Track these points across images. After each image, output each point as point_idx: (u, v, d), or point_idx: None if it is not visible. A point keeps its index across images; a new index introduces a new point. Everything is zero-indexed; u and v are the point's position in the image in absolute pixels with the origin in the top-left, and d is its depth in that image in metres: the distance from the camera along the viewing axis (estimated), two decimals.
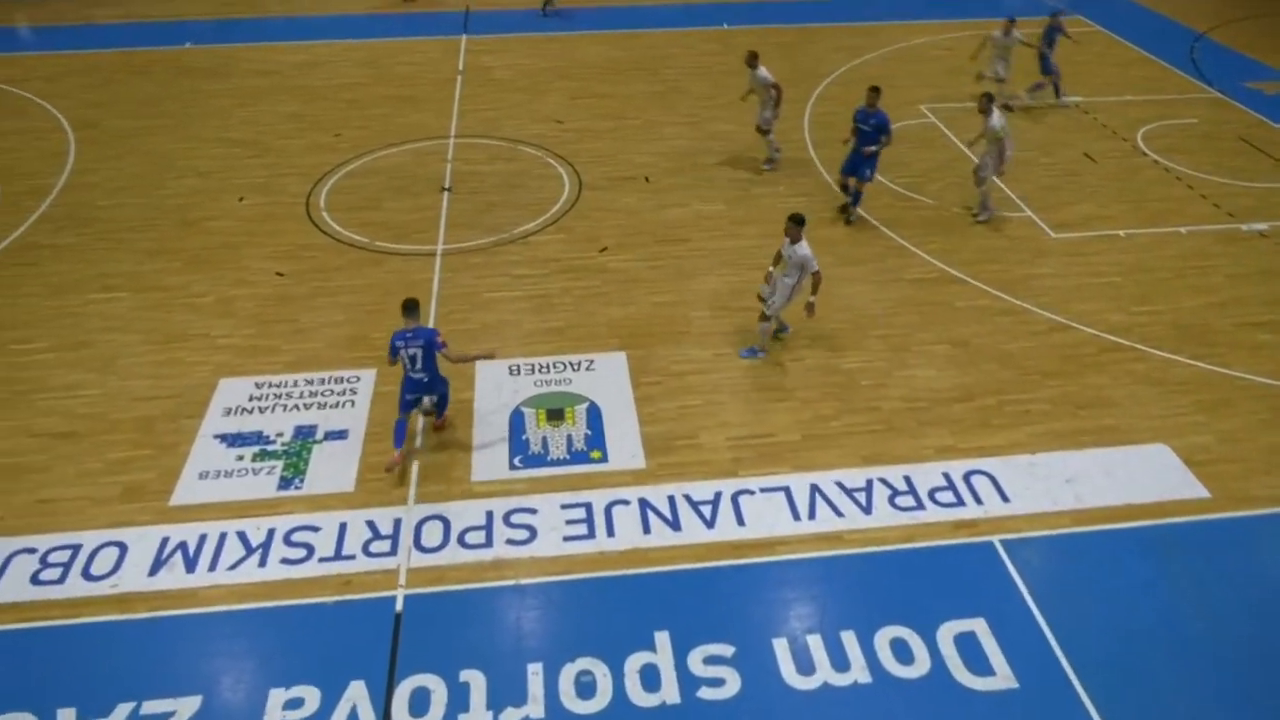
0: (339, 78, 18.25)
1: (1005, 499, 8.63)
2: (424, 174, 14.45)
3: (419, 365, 8.67)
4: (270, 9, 22.97)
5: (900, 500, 8.60)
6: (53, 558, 7.88)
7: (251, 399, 9.74)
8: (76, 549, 7.96)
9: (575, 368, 10.28)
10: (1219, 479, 8.85)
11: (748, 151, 15.21)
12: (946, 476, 8.88)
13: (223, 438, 9.23)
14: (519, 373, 10.19)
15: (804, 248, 9.98)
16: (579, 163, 14.80)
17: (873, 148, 12.85)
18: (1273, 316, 11.27)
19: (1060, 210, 13.56)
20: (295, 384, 9.96)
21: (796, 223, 9.93)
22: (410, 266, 12.13)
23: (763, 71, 14.16)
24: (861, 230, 13.02)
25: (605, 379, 10.13)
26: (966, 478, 8.86)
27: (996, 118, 12.82)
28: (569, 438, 9.29)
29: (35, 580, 7.67)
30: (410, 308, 8.76)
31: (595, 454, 9.10)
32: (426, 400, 9.04)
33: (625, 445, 9.20)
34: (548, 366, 10.28)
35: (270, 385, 9.94)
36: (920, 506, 8.54)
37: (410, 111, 16.65)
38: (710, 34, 20.79)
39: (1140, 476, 8.90)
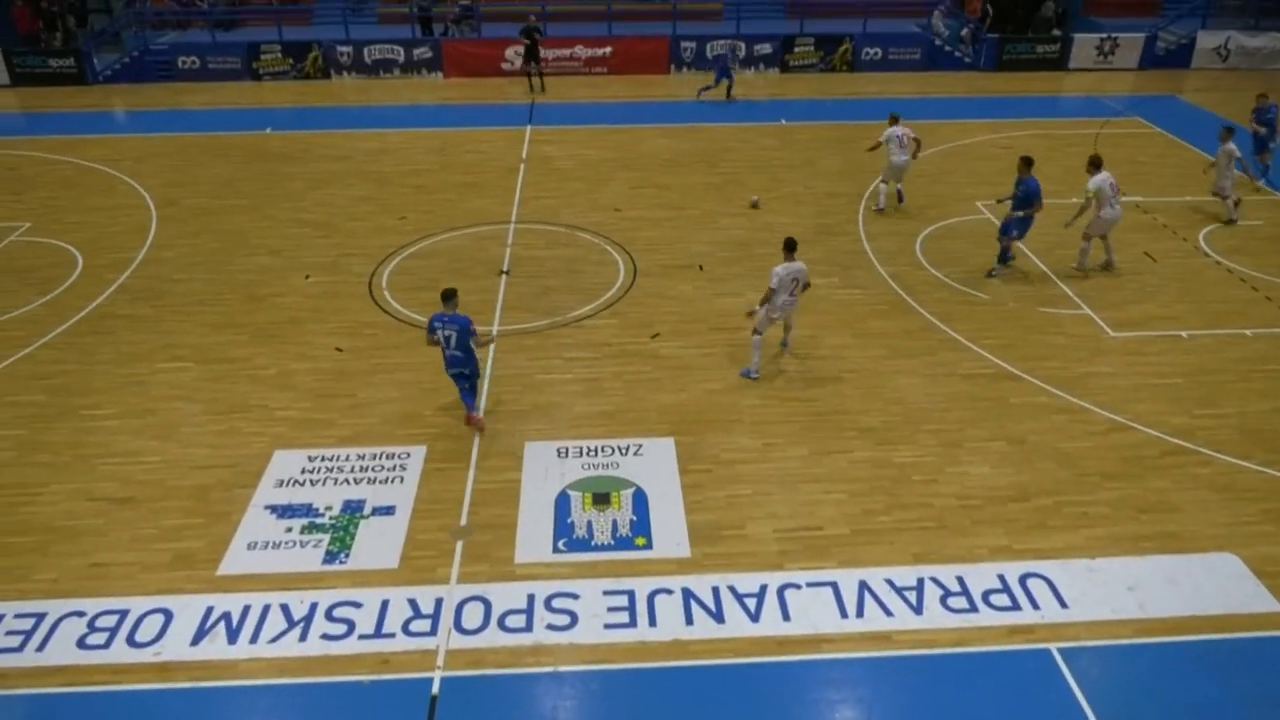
0: (408, 164, 19.03)
1: (1063, 605, 8.29)
2: (484, 257, 14.86)
3: (454, 344, 10.26)
4: (348, 99, 24.21)
5: (953, 601, 8.32)
6: (100, 622, 7.99)
7: (304, 471, 9.90)
8: (124, 614, 8.07)
9: (624, 452, 10.28)
10: None
11: (803, 243, 15.28)
12: (1001, 578, 8.58)
13: (273, 509, 9.37)
14: (567, 455, 10.22)
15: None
16: (635, 250, 15.09)
17: (1019, 212, 13.82)
18: None
19: (1120, 309, 13.36)
20: (347, 458, 10.11)
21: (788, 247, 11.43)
22: None
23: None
24: (915, 324, 12.96)
25: (653, 465, 10.10)
26: (1022, 580, 8.56)
27: (1095, 179, 13.68)
28: (614, 523, 9.23)
29: (81, 644, 7.78)
30: (449, 296, 10.32)
31: (640, 540, 9.01)
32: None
33: (671, 533, 9.11)
34: (596, 450, 10.30)
35: (323, 459, 10.11)
36: (974, 609, 8.25)
37: (474, 197, 17.22)
38: (769, 129, 21.30)
39: (1207, 587, 8.50)
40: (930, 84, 24.96)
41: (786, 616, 8.12)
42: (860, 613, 8.17)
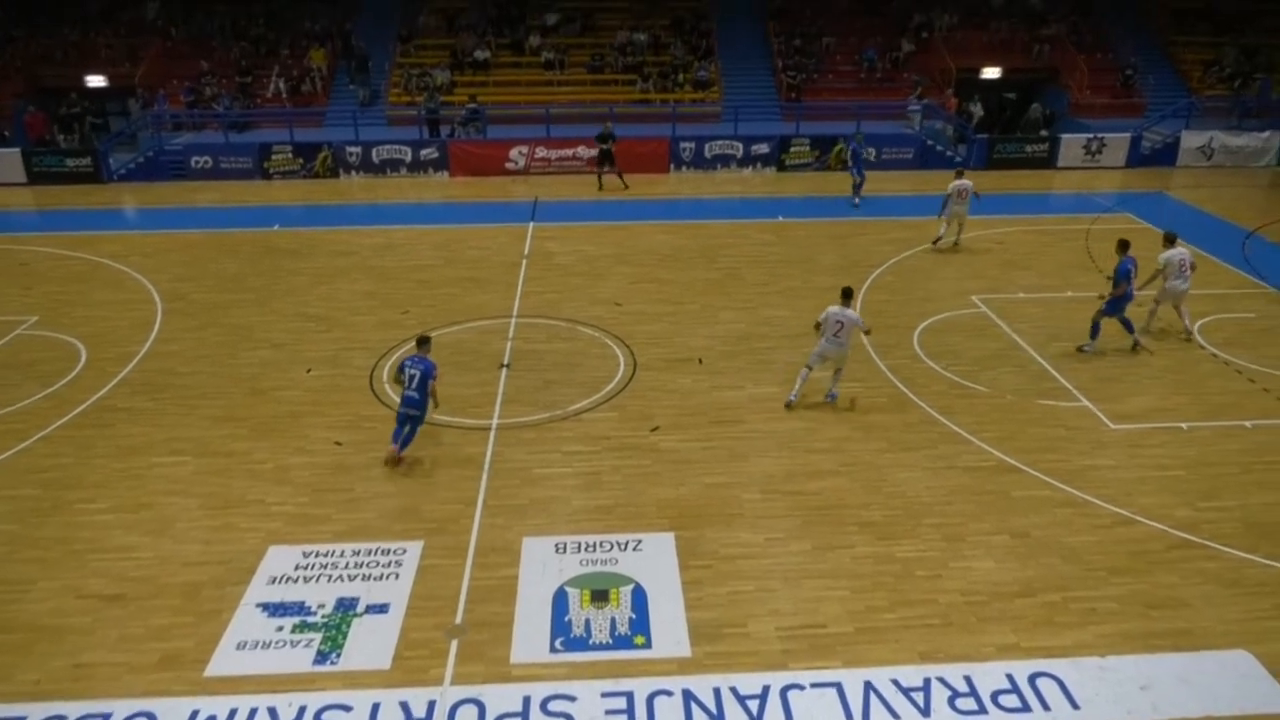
0: (412, 259, 19.38)
1: (1075, 705, 8.04)
2: (484, 351, 14.98)
3: (414, 385, 11.40)
4: (355, 197, 24.82)
5: (961, 703, 8.08)
6: None
7: (298, 568, 9.76)
8: (106, 718, 7.83)
9: (623, 548, 10.15)
10: None
11: (802, 336, 15.50)
12: (1010, 678, 8.35)
13: (265, 607, 9.20)
14: (565, 550, 10.08)
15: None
16: (635, 344, 15.22)
17: (1116, 290, 14.62)
18: None
19: (1119, 401, 13.38)
20: (342, 554, 9.98)
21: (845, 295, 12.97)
22: (465, 440, 12.36)
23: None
24: (914, 417, 12.97)
25: (653, 560, 9.95)
26: (1031, 680, 8.32)
27: (1165, 252, 14.98)
28: (613, 620, 9.04)
29: None
30: (423, 341, 11.91)
31: (639, 639, 8.81)
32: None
33: (671, 631, 8.91)
34: (594, 545, 10.17)
35: (318, 554, 9.97)
36: (983, 710, 8.00)
37: (476, 292, 17.47)
38: (766, 225, 21.74)
39: (1221, 686, 8.27)
40: (923, 182, 25.58)
41: (790, 719, 7.88)
42: (866, 715, 7.92)
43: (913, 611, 9.23)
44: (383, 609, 9.17)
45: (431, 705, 7.99)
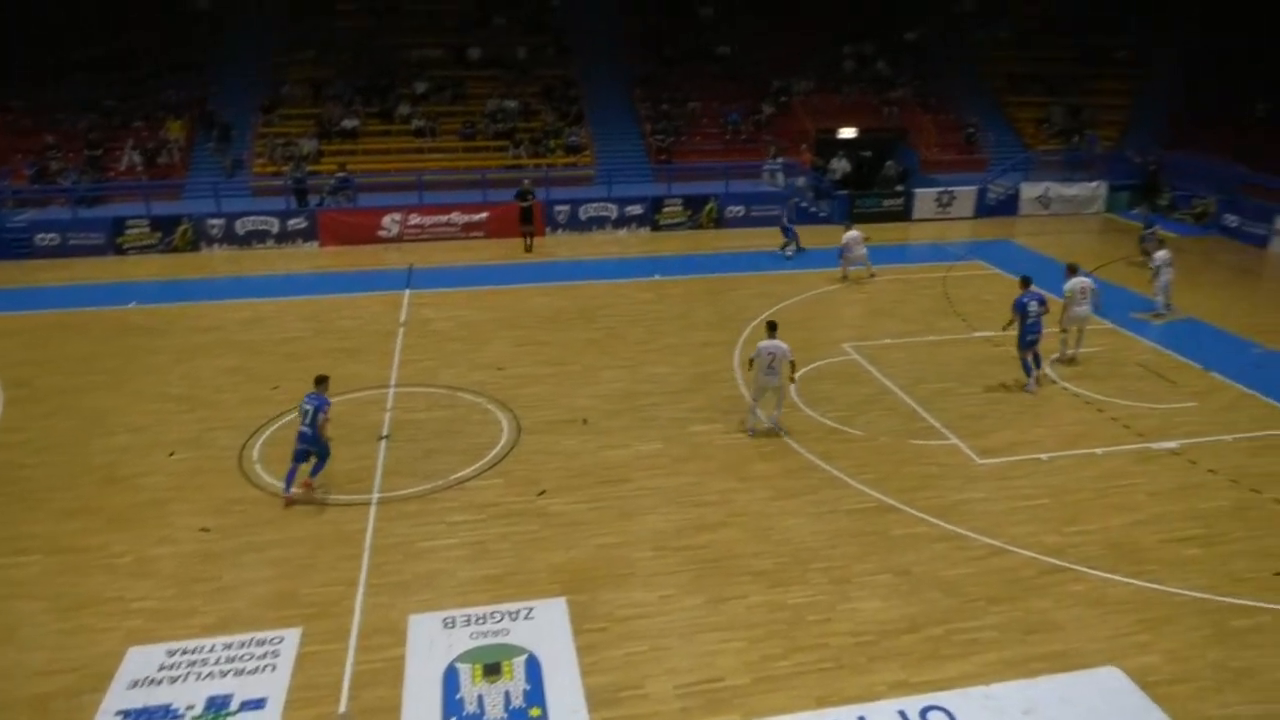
0: (281, 332, 18.70)
1: None
2: (361, 423, 14.51)
3: (308, 420, 11.95)
4: (218, 270, 23.87)
5: None
6: None
7: (162, 668, 9.06)
8: None
9: (514, 617, 9.89)
10: (1174, 700, 8.66)
11: (684, 391, 15.73)
12: (903, 715, 8.51)
13: (126, 715, 8.48)
14: (454, 625, 9.74)
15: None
16: (518, 407, 15.07)
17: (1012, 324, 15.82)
18: (1196, 531, 11.54)
19: (984, 437, 14.07)
20: (212, 648, 9.34)
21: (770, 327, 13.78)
22: (344, 517, 11.87)
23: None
24: (796, 464, 13.26)
25: (546, 628, 9.73)
26: (923, 714, 8.50)
27: (1068, 282, 16.57)
28: (506, 694, 8.76)
29: None
30: (320, 380, 12.42)
31: (535, 711, 8.56)
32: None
33: (567, 699, 8.70)
34: (484, 617, 9.87)
35: (184, 651, 9.30)
36: None
37: (350, 363, 16.97)
38: (643, 284, 22.08)
39: (1097, 703, 8.66)
40: None
41: None
42: None
43: (807, 657, 9.32)
44: (259, 704, 8.60)
45: None
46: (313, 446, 12.08)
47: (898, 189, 29.32)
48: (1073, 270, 16.78)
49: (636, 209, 27.39)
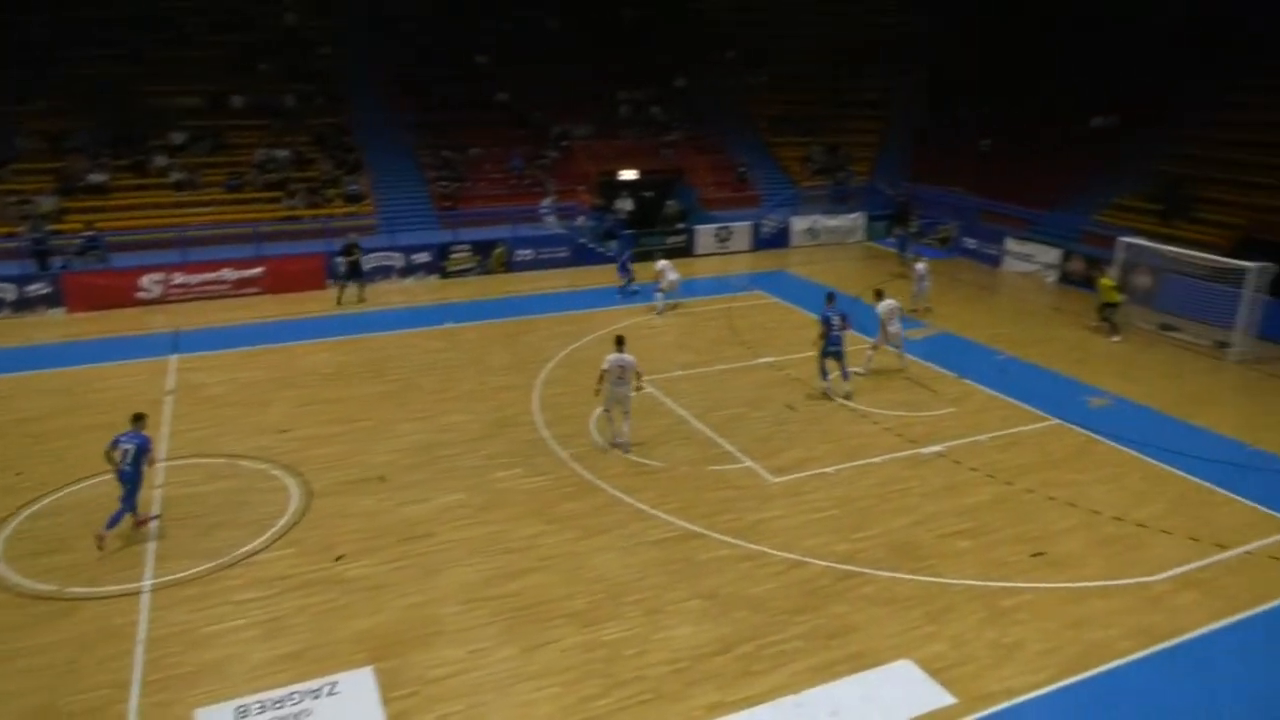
0: (21, 411, 16.67)
1: None
2: None
3: (129, 460, 11.81)
4: None
5: None
6: None
7: None
8: None
9: (316, 695, 9.25)
10: (959, 682, 9.41)
11: (484, 438, 15.47)
12: None
13: None
14: (248, 714, 8.97)
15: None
16: (308, 471, 14.23)
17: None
18: (966, 525, 12.67)
19: (775, 457, 14.79)
20: None
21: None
22: (111, 611, 10.67)
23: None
24: (601, 500, 13.36)
25: (352, 701, 9.18)
26: None
27: (879, 305, 18.53)
28: None
29: None
30: (137, 418, 12.30)
31: None
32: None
33: None
34: (282, 700, 9.16)
35: None
36: None
37: (111, 437, 15.35)
38: (435, 332, 21.60)
39: (894, 695, 9.24)
40: (580, 278, 27.05)
41: None
42: None
43: (625, 692, 9.34)
44: None
45: None
46: (133, 484, 11.98)
47: (679, 226, 30.55)
48: (880, 295, 18.90)
49: (423, 256, 26.85)
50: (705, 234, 30.52)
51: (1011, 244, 28.62)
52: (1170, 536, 12.38)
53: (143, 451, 11.91)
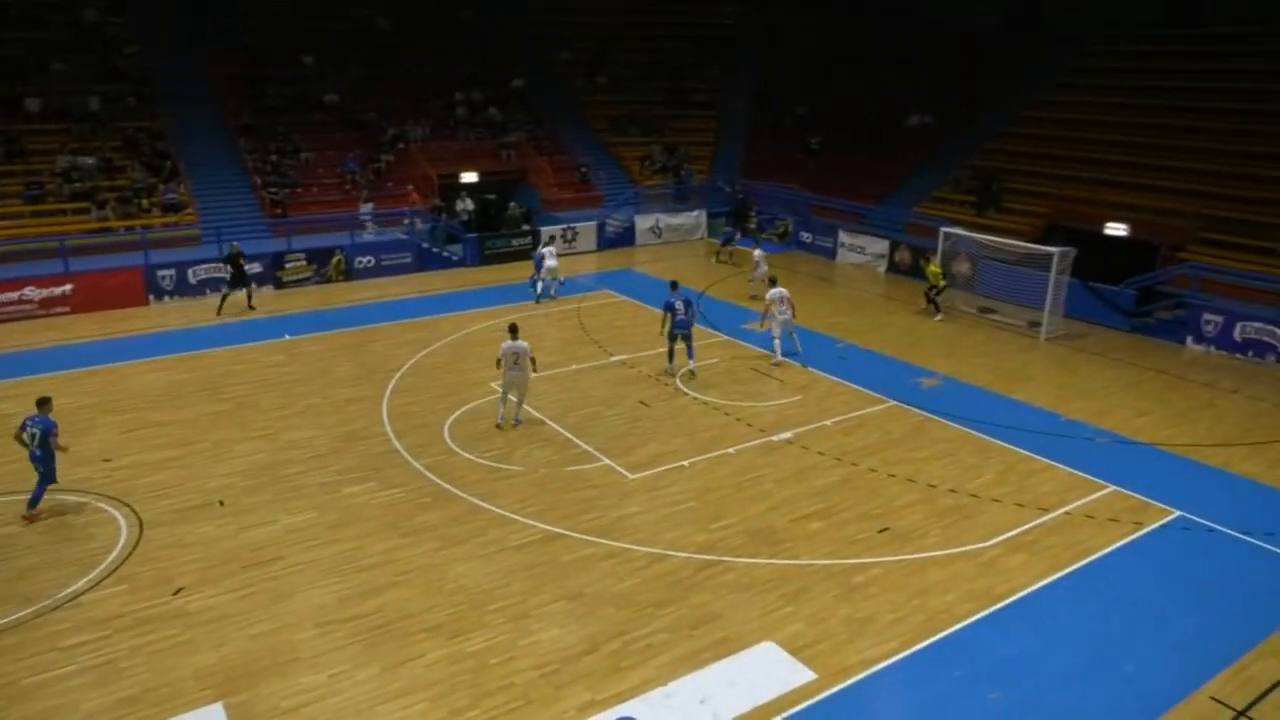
0: None
1: None
2: None
3: (36, 442, 12.44)
4: None
5: None
6: None
7: None
8: None
9: None
10: (819, 658, 9.81)
11: (331, 453, 14.86)
12: None
13: None
14: None
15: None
16: (137, 500, 13.24)
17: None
18: (817, 507, 13.22)
19: (632, 453, 14.95)
20: None
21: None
22: None
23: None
24: (459, 509, 13.10)
25: None
26: None
27: (769, 291, 19.35)
28: None
29: None
30: (42, 402, 12.81)
31: None
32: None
33: None
34: None
35: None
36: None
37: None
38: (274, 346, 20.55)
39: (759, 678, 9.53)
40: (425, 283, 26.39)
41: None
42: None
43: (494, 701, 9.21)
44: None
45: None
46: (44, 466, 12.54)
47: (525, 228, 30.35)
48: (773, 281, 20.06)
49: (255, 267, 25.44)
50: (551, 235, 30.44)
51: (844, 236, 30.08)
52: (999, 504, 13.36)
53: (49, 434, 12.49)
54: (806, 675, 9.56)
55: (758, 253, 25.00)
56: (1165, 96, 27.63)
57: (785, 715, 9.00)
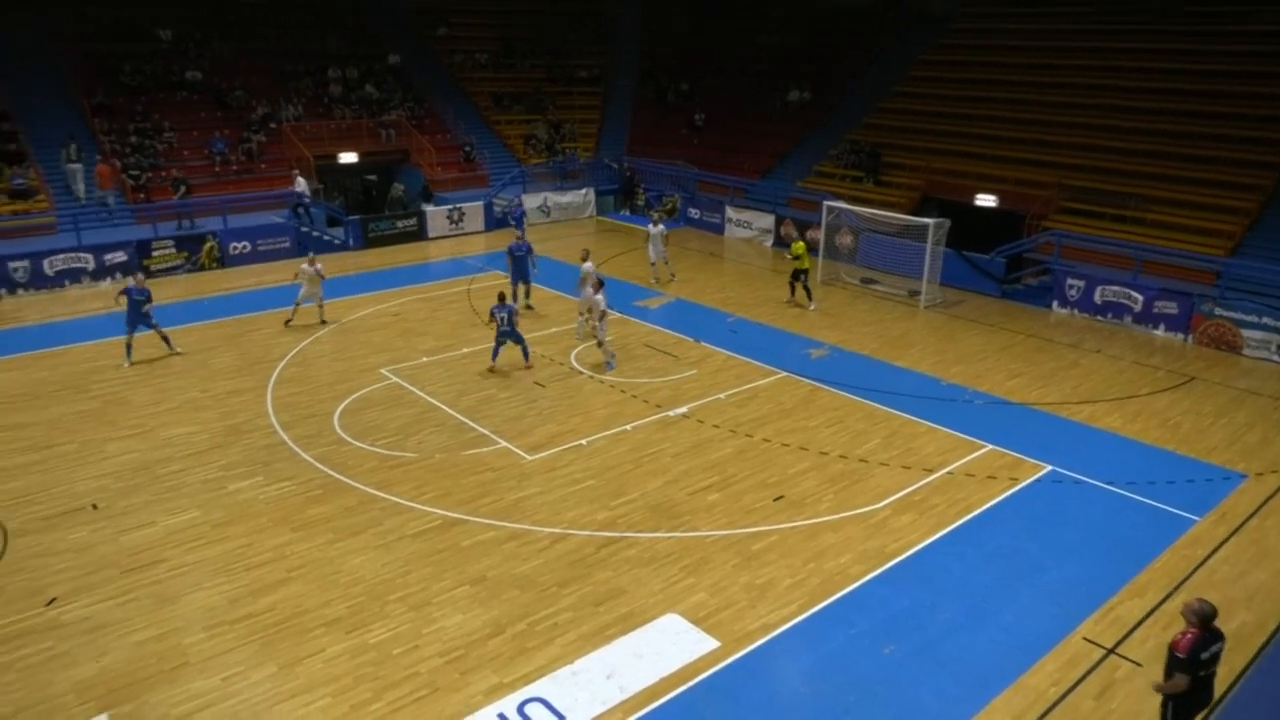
0: None
1: (561, 717, 8.67)
2: None
3: None
4: None
5: None
6: None
7: None
8: None
9: None
10: (721, 626, 10.02)
11: (213, 449, 14.21)
12: (501, 717, 8.67)
13: None
14: None
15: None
16: None
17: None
18: (713, 479, 13.45)
19: (529, 435, 14.85)
20: None
21: None
22: None
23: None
24: (353, 500, 12.75)
25: None
26: (520, 710, 8.77)
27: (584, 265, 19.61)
28: None
29: None
30: None
31: None
32: None
33: None
34: None
35: None
36: None
37: None
38: (144, 338, 19.38)
39: (664, 649, 9.66)
40: None
41: None
42: None
43: (399, 691, 9.04)
44: None
45: None
46: None
47: (410, 209, 29.56)
48: (584, 256, 20.11)
49: (119, 256, 23.97)
50: (437, 216, 29.74)
51: (731, 212, 30.52)
52: (887, 468, 13.89)
53: None
54: (710, 644, 9.75)
55: (657, 229, 23.90)
56: (1022, 73, 29.02)
57: (690, 684, 9.16)
